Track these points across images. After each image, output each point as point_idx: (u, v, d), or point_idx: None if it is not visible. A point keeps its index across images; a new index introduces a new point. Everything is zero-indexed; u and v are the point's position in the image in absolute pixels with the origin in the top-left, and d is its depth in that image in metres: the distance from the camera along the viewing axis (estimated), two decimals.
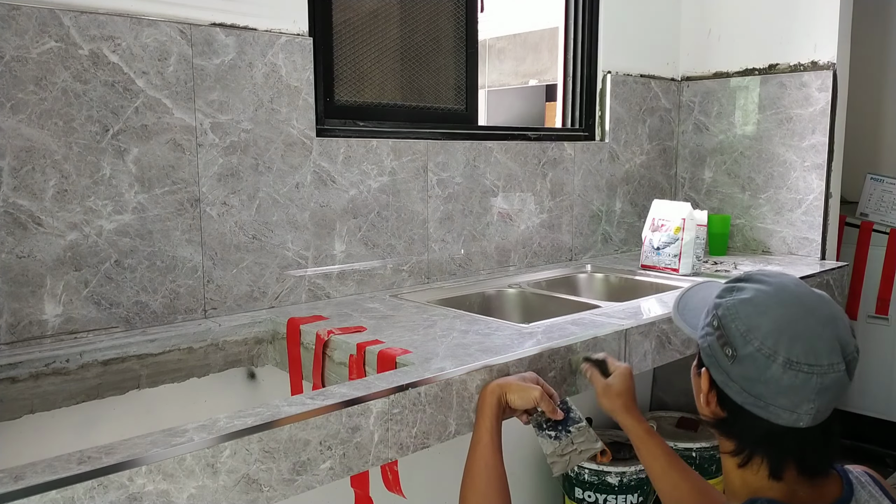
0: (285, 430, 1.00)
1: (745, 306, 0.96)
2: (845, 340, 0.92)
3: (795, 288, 0.97)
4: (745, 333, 0.93)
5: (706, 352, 0.99)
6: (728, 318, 0.96)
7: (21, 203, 1.33)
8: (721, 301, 0.99)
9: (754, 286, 0.98)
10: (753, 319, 0.94)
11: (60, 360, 1.31)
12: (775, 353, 0.90)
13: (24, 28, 1.31)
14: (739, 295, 0.98)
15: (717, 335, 0.97)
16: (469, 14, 2.14)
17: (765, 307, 0.94)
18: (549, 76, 9.07)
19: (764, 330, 0.92)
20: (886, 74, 3.10)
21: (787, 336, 0.91)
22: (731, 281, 1.03)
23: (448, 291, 1.94)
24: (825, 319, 0.93)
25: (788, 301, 0.95)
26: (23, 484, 0.80)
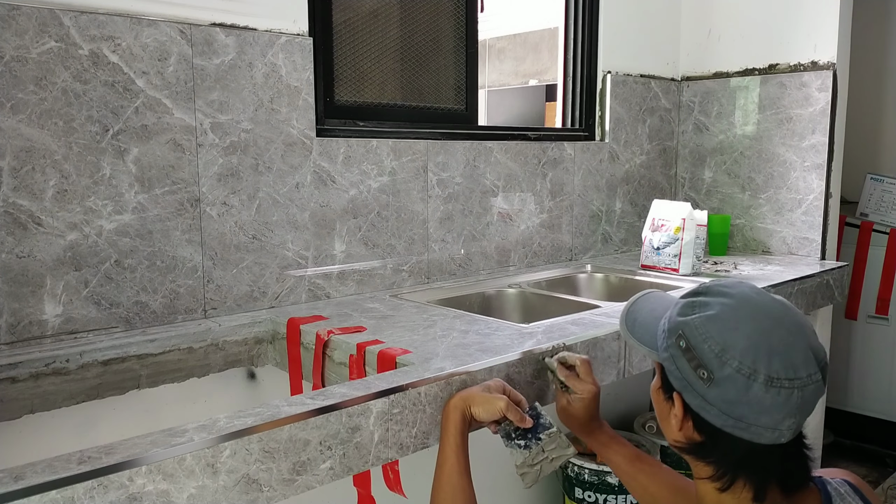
0: (285, 430, 1.00)
1: (714, 324, 0.91)
2: (816, 347, 0.90)
3: (758, 297, 0.94)
4: (720, 354, 0.88)
5: (675, 375, 0.94)
6: (697, 338, 0.91)
7: (21, 203, 1.34)
8: (684, 320, 0.94)
9: (717, 300, 0.93)
10: (726, 337, 0.89)
11: (60, 360, 1.31)
12: (755, 371, 0.86)
13: (24, 28, 1.31)
14: (703, 312, 0.93)
15: (688, 357, 0.92)
16: (469, 14, 2.14)
17: (734, 323, 0.90)
18: (549, 76, 9.07)
19: (739, 348, 0.88)
20: (886, 74, 3.10)
21: (763, 352, 0.87)
22: (688, 295, 0.98)
23: (448, 291, 1.94)
24: (794, 328, 0.90)
25: (755, 313, 0.91)
26: (23, 484, 0.80)
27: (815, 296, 2.23)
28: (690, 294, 0.99)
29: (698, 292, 0.97)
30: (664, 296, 1.12)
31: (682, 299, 0.98)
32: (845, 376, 3.10)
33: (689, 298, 0.97)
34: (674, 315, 0.97)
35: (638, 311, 1.09)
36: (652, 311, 1.06)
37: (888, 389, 3.01)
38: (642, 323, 1.06)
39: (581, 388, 1.27)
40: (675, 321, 0.96)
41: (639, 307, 1.10)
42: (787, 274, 2.17)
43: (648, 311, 1.06)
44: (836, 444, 3.15)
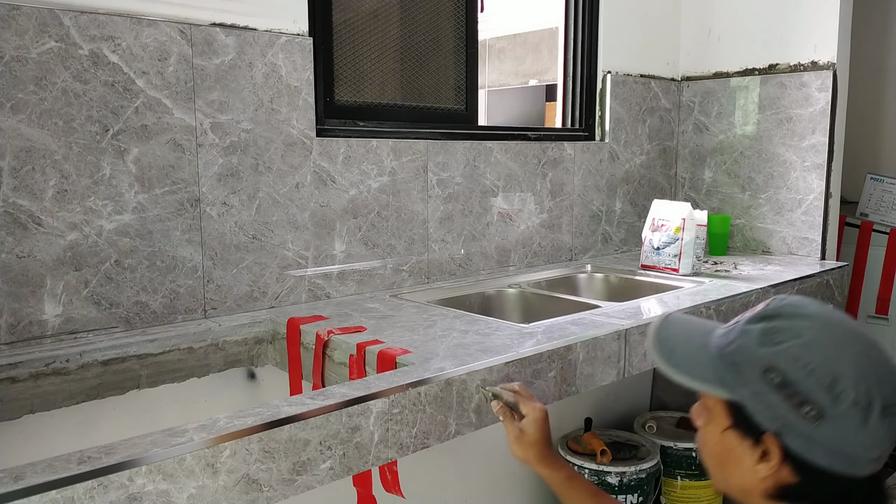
0: (285, 430, 1.00)
1: (814, 352, 0.80)
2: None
3: (833, 315, 0.85)
4: (831, 386, 0.78)
5: (764, 415, 0.82)
6: (799, 371, 0.79)
7: (21, 203, 1.34)
8: (774, 350, 0.82)
9: (799, 324, 0.83)
10: (833, 366, 0.79)
11: (60, 360, 1.31)
12: (871, 402, 0.77)
13: (24, 28, 1.31)
14: (794, 339, 0.82)
15: (786, 394, 0.80)
16: (469, 14, 2.14)
17: (835, 348, 0.80)
18: (549, 76, 9.07)
19: (852, 377, 0.78)
20: (886, 74, 3.10)
21: (874, 378, 0.78)
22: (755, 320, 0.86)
23: (448, 291, 1.94)
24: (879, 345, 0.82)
25: (846, 333, 0.82)
26: (23, 484, 0.80)
27: (815, 296, 2.23)
28: (759, 318, 0.86)
29: (767, 315, 0.86)
30: (690, 319, 1.00)
31: (750, 325, 0.86)
32: None
33: (763, 324, 0.85)
34: (749, 345, 0.85)
35: (672, 340, 0.95)
36: (689, 339, 0.94)
37: None
38: (685, 354, 0.93)
39: (529, 407, 1.19)
40: (756, 352, 0.83)
41: (670, 336, 0.96)
42: (787, 274, 2.17)
43: (684, 340, 0.94)
44: None
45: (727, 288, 1.95)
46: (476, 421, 1.26)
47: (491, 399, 1.23)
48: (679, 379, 0.91)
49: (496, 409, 1.21)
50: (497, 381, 1.29)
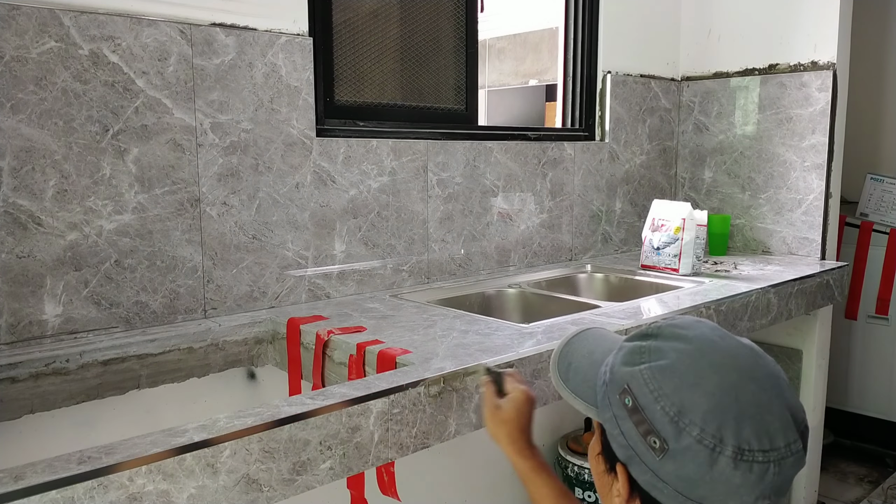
0: (285, 430, 1.00)
1: (668, 377, 0.72)
2: (794, 405, 0.72)
3: (721, 342, 0.75)
4: (676, 417, 0.69)
5: (618, 441, 0.75)
6: (647, 395, 0.72)
7: (21, 203, 1.34)
8: (630, 371, 0.75)
9: (670, 346, 0.75)
10: (684, 396, 0.70)
11: (60, 360, 1.31)
12: (721, 441, 0.68)
13: (24, 28, 1.31)
14: (654, 360, 0.74)
15: (635, 420, 0.72)
16: (469, 14, 2.14)
17: (694, 376, 0.71)
18: (549, 76, 9.07)
19: (701, 410, 0.69)
20: (886, 74, 3.10)
21: (731, 416, 0.68)
22: (634, 338, 0.79)
23: (448, 291, 1.94)
24: (768, 382, 0.72)
25: (720, 363, 0.72)
26: (23, 484, 0.80)
27: (815, 296, 2.23)
28: (638, 336, 0.79)
29: (647, 334, 0.78)
30: (606, 335, 0.93)
31: (628, 342, 0.79)
32: (845, 376, 3.10)
33: (636, 342, 0.78)
34: (616, 363, 0.78)
35: (572, 353, 0.90)
36: (590, 355, 0.87)
37: (888, 389, 3.02)
38: (578, 369, 0.87)
39: (514, 386, 1.13)
40: (618, 371, 0.77)
41: (573, 348, 0.91)
42: (787, 274, 2.17)
43: (585, 355, 0.88)
44: (836, 444, 3.15)
45: (727, 288, 1.95)
46: (476, 421, 1.26)
47: (483, 371, 1.21)
48: (564, 395, 0.86)
49: (482, 381, 1.18)
50: None
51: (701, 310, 1.75)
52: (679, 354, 0.73)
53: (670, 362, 0.73)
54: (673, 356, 0.73)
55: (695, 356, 0.73)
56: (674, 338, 0.76)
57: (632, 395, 0.73)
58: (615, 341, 0.87)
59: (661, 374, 0.72)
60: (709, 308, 1.78)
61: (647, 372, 0.73)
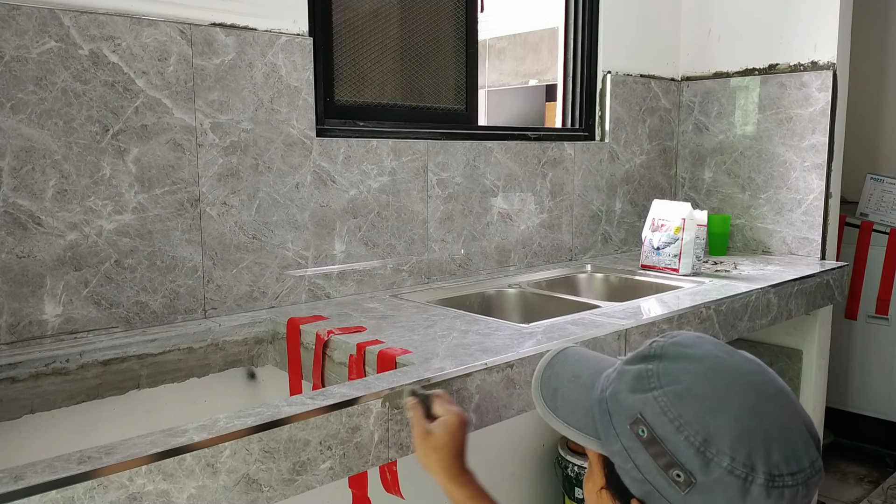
0: (285, 430, 1.00)
1: (688, 403, 0.66)
2: (808, 420, 0.69)
3: (729, 357, 0.70)
4: (703, 447, 0.64)
5: (632, 476, 0.69)
6: (666, 425, 0.66)
7: (21, 203, 1.34)
8: (642, 398, 0.68)
9: (679, 367, 0.69)
10: (708, 423, 0.65)
11: (60, 360, 1.31)
12: (753, 470, 0.63)
13: (24, 28, 1.31)
14: (668, 385, 0.68)
15: (653, 452, 0.66)
16: (469, 14, 2.14)
17: (715, 400, 0.66)
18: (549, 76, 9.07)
19: (728, 437, 0.64)
20: (886, 74, 3.10)
21: (759, 440, 0.64)
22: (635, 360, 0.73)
23: (448, 291, 1.94)
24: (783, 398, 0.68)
25: (736, 383, 0.67)
26: (23, 484, 0.80)
27: (815, 296, 2.23)
28: (640, 358, 0.73)
29: (649, 356, 0.72)
30: (587, 354, 0.86)
31: (629, 366, 0.73)
32: (845, 376, 3.10)
33: (640, 365, 0.72)
34: (621, 389, 0.72)
35: (556, 378, 0.82)
36: (576, 379, 0.80)
37: (888, 389, 3.02)
38: (567, 397, 0.79)
39: (444, 409, 1.05)
40: (625, 399, 0.70)
41: (555, 372, 0.83)
42: (787, 274, 2.17)
43: (571, 379, 0.81)
44: (836, 444, 3.15)
45: (727, 288, 1.95)
46: (476, 421, 1.26)
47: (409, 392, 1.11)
48: (555, 426, 0.78)
49: (408, 403, 1.08)
50: (494, 382, 1.29)
51: (701, 310, 1.75)
52: (693, 377, 0.68)
53: (685, 386, 0.67)
54: (687, 379, 0.68)
55: (709, 377, 0.68)
56: (681, 358, 0.70)
57: (647, 426, 0.67)
58: (600, 361, 0.83)
59: (679, 400, 0.66)
60: (709, 308, 1.78)
61: (663, 399, 0.67)
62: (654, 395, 0.68)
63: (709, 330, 1.79)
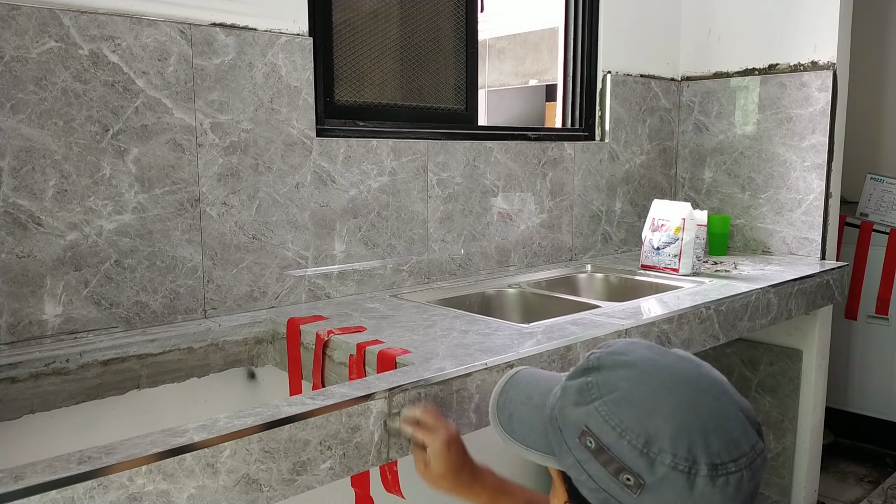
0: (285, 430, 1.00)
1: (626, 409, 0.69)
2: (744, 405, 0.71)
3: (662, 359, 0.73)
4: (645, 449, 0.67)
5: (588, 485, 0.71)
6: (609, 433, 0.69)
7: (21, 203, 1.34)
8: (585, 410, 0.71)
9: (616, 375, 0.72)
10: (647, 424, 0.68)
11: (60, 360, 1.31)
12: (695, 462, 0.66)
13: (24, 28, 1.31)
14: (607, 394, 0.71)
15: (602, 460, 0.69)
16: (469, 14, 2.14)
17: (651, 401, 0.69)
18: (549, 76, 9.07)
19: (668, 435, 0.67)
20: (886, 74, 3.10)
21: (697, 434, 0.67)
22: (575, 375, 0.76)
23: (448, 291, 1.94)
24: (717, 389, 0.71)
25: (670, 381, 0.70)
26: (23, 484, 0.80)
27: (815, 296, 2.23)
28: (579, 373, 0.76)
29: (588, 368, 0.75)
30: (537, 374, 0.89)
31: (571, 380, 0.76)
32: (845, 376, 3.10)
33: (579, 379, 0.75)
34: (566, 404, 0.74)
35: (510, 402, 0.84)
36: (528, 400, 0.82)
37: (888, 389, 3.02)
38: (522, 419, 0.82)
39: (432, 439, 1.06)
40: (571, 413, 0.73)
41: (510, 397, 0.85)
42: (787, 274, 2.17)
43: (523, 401, 0.83)
44: (835, 444, 3.15)
45: (727, 288, 1.95)
46: (476, 421, 1.26)
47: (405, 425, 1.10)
48: (514, 448, 0.81)
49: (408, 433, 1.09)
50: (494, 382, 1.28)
51: (701, 310, 1.76)
52: (629, 382, 0.71)
53: (623, 392, 0.70)
54: (624, 385, 0.71)
55: (644, 380, 0.71)
56: (616, 366, 0.73)
57: (593, 436, 0.70)
58: (549, 379, 0.84)
59: (618, 407, 0.70)
60: (709, 308, 1.78)
61: (603, 408, 0.70)
62: (595, 405, 0.71)
63: (709, 330, 1.79)
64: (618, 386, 0.71)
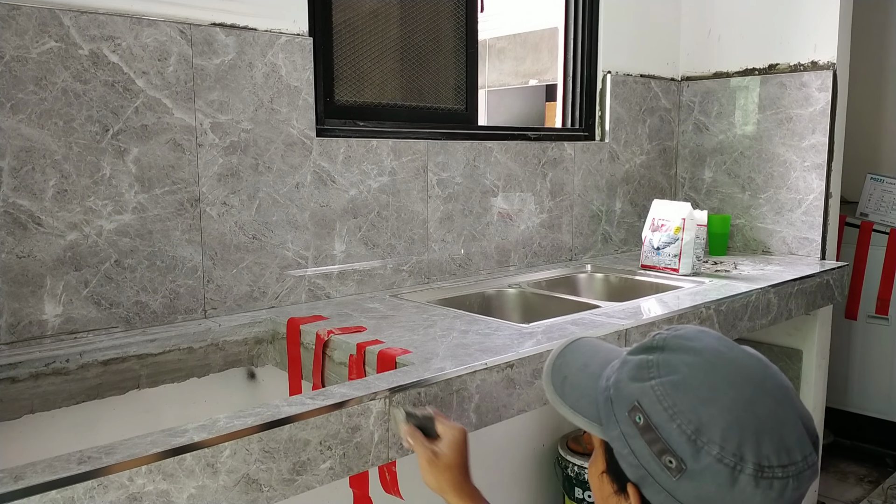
0: (285, 430, 1.00)
1: (682, 393, 0.69)
2: (805, 416, 0.71)
3: (729, 353, 0.72)
4: (694, 436, 0.67)
5: (629, 460, 0.71)
6: (661, 413, 0.69)
7: (21, 203, 1.34)
8: (640, 387, 0.71)
9: (679, 358, 0.72)
10: (701, 412, 0.67)
11: (60, 360, 1.31)
12: (742, 459, 0.65)
13: (24, 28, 1.31)
14: (665, 375, 0.71)
15: (648, 439, 0.69)
16: (469, 14, 2.14)
17: (709, 391, 0.68)
18: (549, 76, 9.07)
19: (720, 427, 0.66)
20: (886, 74, 3.10)
21: (750, 432, 0.66)
22: (638, 351, 0.76)
23: (448, 291, 1.94)
24: (780, 394, 0.70)
25: (733, 376, 0.70)
26: (23, 484, 0.80)
27: (815, 296, 2.23)
28: (643, 349, 0.76)
29: (652, 347, 0.75)
30: (598, 345, 0.89)
31: (632, 356, 0.76)
32: (845, 376, 3.10)
33: (642, 356, 0.75)
34: (622, 378, 0.75)
35: (566, 366, 0.85)
36: (585, 368, 0.83)
37: (888, 389, 3.02)
38: (575, 384, 0.82)
39: (445, 427, 1.05)
40: (626, 387, 0.73)
41: (566, 361, 0.86)
42: (787, 274, 2.17)
43: (580, 368, 0.84)
44: (835, 444, 3.15)
45: (727, 288, 1.95)
46: (476, 421, 1.26)
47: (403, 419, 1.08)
48: (562, 411, 0.82)
49: (404, 431, 1.07)
50: (494, 382, 1.29)
51: (701, 310, 1.76)
52: (691, 368, 0.71)
53: (683, 377, 0.70)
54: (685, 370, 0.70)
55: (707, 369, 0.70)
56: (682, 350, 0.73)
57: (643, 413, 0.70)
58: (610, 352, 0.85)
59: (675, 390, 0.69)
60: (709, 308, 1.78)
61: (660, 388, 0.70)
62: (651, 384, 0.71)
63: None
64: (678, 369, 0.71)
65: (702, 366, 0.71)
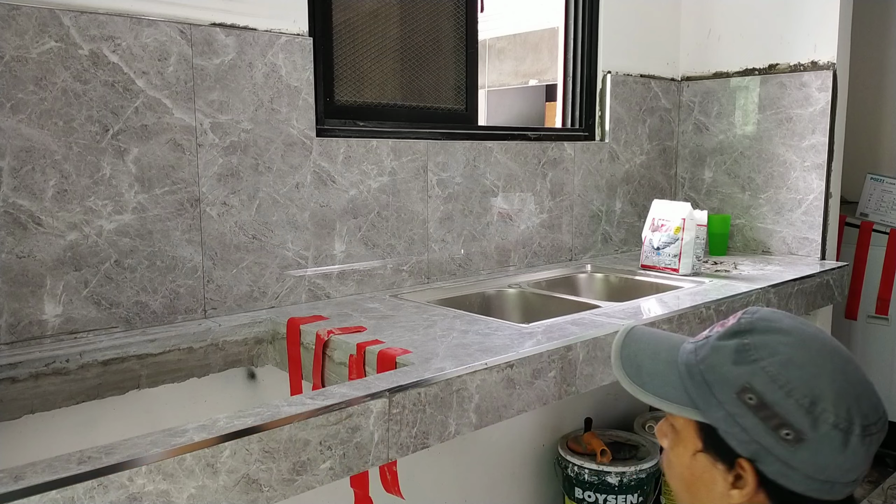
0: (285, 430, 1.00)
1: (794, 370, 0.75)
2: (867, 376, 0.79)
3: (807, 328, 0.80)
4: (811, 407, 0.73)
5: (739, 438, 0.77)
6: (777, 391, 0.75)
7: (21, 203, 1.34)
8: (750, 369, 0.77)
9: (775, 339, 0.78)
10: (813, 385, 0.74)
11: (60, 360, 1.31)
12: (852, 422, 0.73)
13: (24, 28, 1.31)
14: (771, 356, 0.77)
15: (763, 416, 0.75)
16: (469, 14, 2.14)
17: (814, 366, 0.75)
18: (549, 76, 9.07)
19: (832, 396, 0.73)
20: (886, 74, 3.10)
21: (853, 397, 0.74)
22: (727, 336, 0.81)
23: (448, 291, 1.94)
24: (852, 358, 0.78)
25: (823, 350, 0.77)
26: (23, 484, 0.80)
27: (815, 296, 2.23)
28: (731, 334, 0.81)
29: (739, 331, 0.81)
30: (655, 332, 0.95)
31: (721, 341, 0.81)
32: None
33: (734, 341, 0.80)
34: (719, 364, 0.80)
35: (637, 356, 0.89)
36: (656, 355, 0.88)
37: (888, 389, 3.01)
38: (653, 373, 0.87)
39: None
40: (728, 371, 0.78)
41: (632, 352, 0.90)
42: (787, 274, 2.17)
43: (651, 356, 0.88)
44: None
45: (727, 288, 1.95)
46: (476, 421, 1.26)
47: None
48: (647, 399, 0.85)
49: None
50: (494, 382, 1.29)
51: (701, 310, 1.76)
52: (789, 347, 0.77)
53: (788, 356, 0.76)
54: (785, 350, 0.77)
55: (802, 347, 0.77)
56: (771, 331, 0.79)
57: (755, 393, 0.76)
58: (669, 338, 0.91)
59: (785, 369, 0.75)
60: (709, 308, 1.78)
61: (771, 368, 0.76)
62: (761, 365, 0.76)
63: None
64: (777, 350, 0.77)
65: (797, 344, 0.77)
